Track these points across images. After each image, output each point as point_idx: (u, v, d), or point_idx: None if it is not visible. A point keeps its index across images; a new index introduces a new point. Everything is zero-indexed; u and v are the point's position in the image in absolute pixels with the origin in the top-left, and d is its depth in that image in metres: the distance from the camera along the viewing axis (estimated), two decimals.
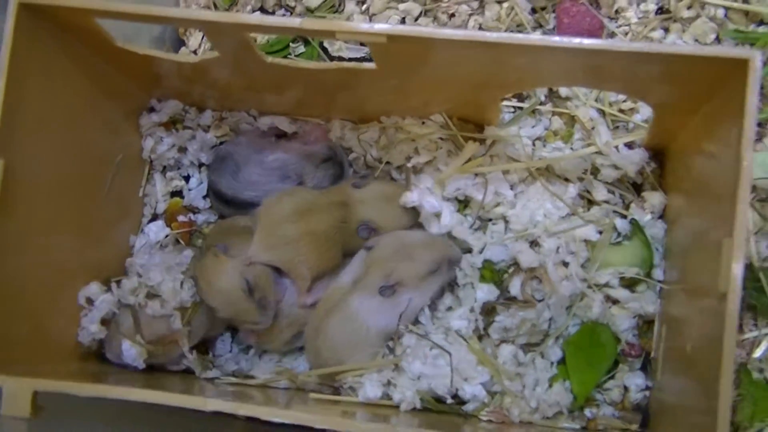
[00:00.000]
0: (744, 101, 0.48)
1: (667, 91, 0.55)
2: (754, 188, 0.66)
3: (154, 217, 0.68)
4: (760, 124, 0.67)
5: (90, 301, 0.59)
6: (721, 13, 0.69)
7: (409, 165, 0.64)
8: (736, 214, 0.47)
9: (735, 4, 0.69)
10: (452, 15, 0.69)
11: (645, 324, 0.62)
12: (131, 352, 0.58)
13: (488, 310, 0.61)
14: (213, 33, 0.54)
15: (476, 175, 0.63)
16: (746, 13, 0.69)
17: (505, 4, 0.69)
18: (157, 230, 0.66)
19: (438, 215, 0.61)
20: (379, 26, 0.50)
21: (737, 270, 0.46)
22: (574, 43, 0.50)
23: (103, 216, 0.62)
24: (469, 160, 0.63)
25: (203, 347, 0.65)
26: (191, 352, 0.60)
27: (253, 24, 0.51)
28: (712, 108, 0.54)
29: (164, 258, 0.61)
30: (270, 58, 0.56)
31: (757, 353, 0.63)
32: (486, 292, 0.60)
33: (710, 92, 0.53)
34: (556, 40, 0.50)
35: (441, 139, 0.65)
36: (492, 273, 0.61)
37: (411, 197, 0.61)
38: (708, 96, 0.53)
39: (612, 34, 0.68)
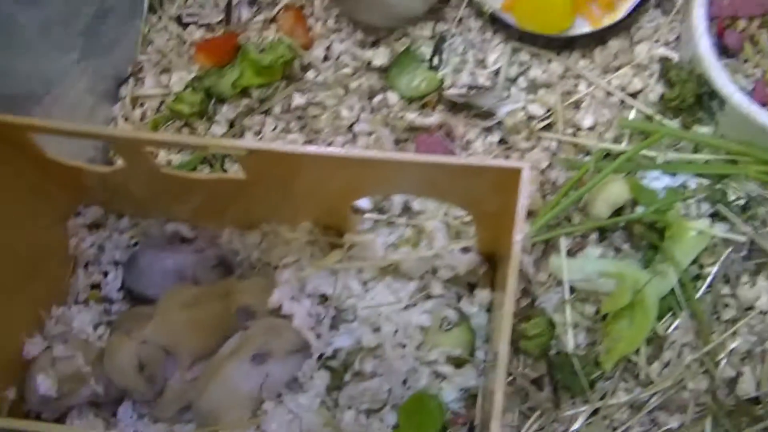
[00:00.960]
0: (516, 205, 0.71)
1: (477, 202, 0.78)
2: (573, 289, 0.87)
3: (77, 304, 0.91)
4: (583, 236, 0.90)
5: None
6: (554, 145, 0.95)
7: (280, 265, 0.88)
8: (505, 299, 0.68)
9: (565, 138, 0.95)
10: (330, 143, 0.96)
11: (470, 396, 0.82)
12: (45, 382, 0.80)
13: (335, 385, 0.82)
14: (117, 148, 0.81)
15: (334, 272, 0.86)
16: (575, 144, 0.95)
17: (373, 136, 0.96)
18: (78, 312, 0.90)
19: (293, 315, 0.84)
20: (241, 142, 0.76)
21: (503, 349, 0.65)
22: (383, 157, 0.74)
23: (30, 299, 0.87)
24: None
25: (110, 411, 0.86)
26: (99, 386, 0.81)
27: (144, 139, 0.78)
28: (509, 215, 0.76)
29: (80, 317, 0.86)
30: (163, 169, 0.83)
31: (575, 426, 0.82)
32: (326, 378, 0.82)
33: (506, 203, 0.75)
34: (386, 155, 0.74)
35: (309, 243, 0.89)
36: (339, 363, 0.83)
37: (272, 300, 0.84)
38: (506, 206, 0.76)
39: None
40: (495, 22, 0.99)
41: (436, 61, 0.99)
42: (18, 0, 0.88)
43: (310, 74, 1.01)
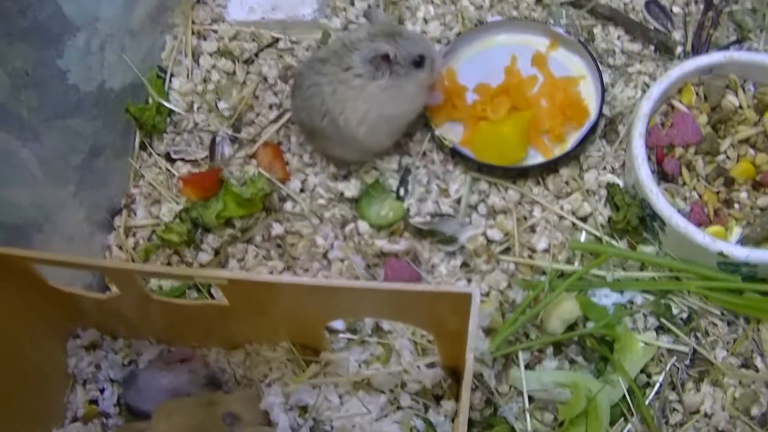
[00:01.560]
0: (467, 326, 0.86)
1: (437, 323, 0.93)
2: (532, 398, 1.02)
3: (75, 420, 1.04)
4: (540, 350, 1.05)
5: None
6: (512, 266, 1.12)
7: (264, 381, 1.02)
8: (459, 408, 0.81)
9: (521, 260, 1.12)
10: (306, 270, 1.13)
11: None
12: None
13: None
14: (111, 277, 0.97)
15: (313, 387, 1.01)
16: (531, 266, 1.12)
17: (346, 262, 1.12)
18: (76, 430, 1.03)
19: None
20: (222, 273, 0.92)
21: None
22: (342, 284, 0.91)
23: (29, 418, 1.00)
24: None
25: None
26: None
27: (134, 270, 0.93)
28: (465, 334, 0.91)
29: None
30: (155, 296, 0.98)
31: None
32: None
33: (462, 323, 0.90)
34: (351, 284, 0.90)
35: (288, 360, 1.04)
36: None
37: (263, 404, 0.98)
38: (462, 326, 0.91)
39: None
40: (455, 155, 1.17)
41: (402, 191, 1.14)
42: (20, 136, 1.04)
43: (287, 205, 1.16)
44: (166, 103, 1.24)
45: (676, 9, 1.24)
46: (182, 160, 1.23)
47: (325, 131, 1.10)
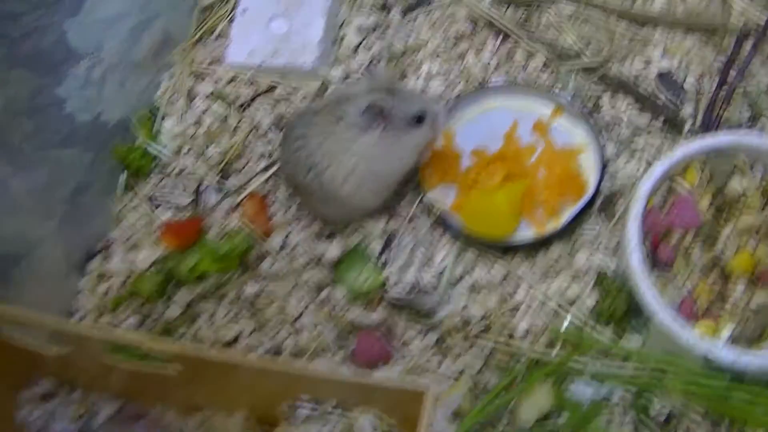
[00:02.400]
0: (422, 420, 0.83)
1: (394, 410, 0.90)
2: None
3: None
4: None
5: None
6: (489, 347, 1.07)
7: None
8: None
9: (499, 342, 1.09)
10: (276, 334, 1.11)
11: None
12: None
13: None
14: (62, 335, 0.97)
15: None
16: (508, 350, 1.09)
17: (317, 329, 1.11)
18: None
19: None
20: (170, 346, 0.91)
21: None
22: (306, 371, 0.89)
23: None
24: None
25: None
26: None
27: (80, 334, 0.93)
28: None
29: None
30: (106, 357, 0.97)
31: None
32: None
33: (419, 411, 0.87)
34: (298, 368, 0.89)
35: (245, 430, 1.02)
36: None
37: None
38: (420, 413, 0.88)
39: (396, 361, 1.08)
40: (443, 223, 1.15)
41: (384, 257, 1.13)
42: (12, 163, 1.05)
43: (265, 263, 1.15)
44: (153, 145, 1.26)
45: (689, 82, 1.20)
46: (166, 205, 1.23)
47: (309, 187, 1.10)
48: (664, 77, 1.24)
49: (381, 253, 1.13)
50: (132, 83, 1.26)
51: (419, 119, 1.07)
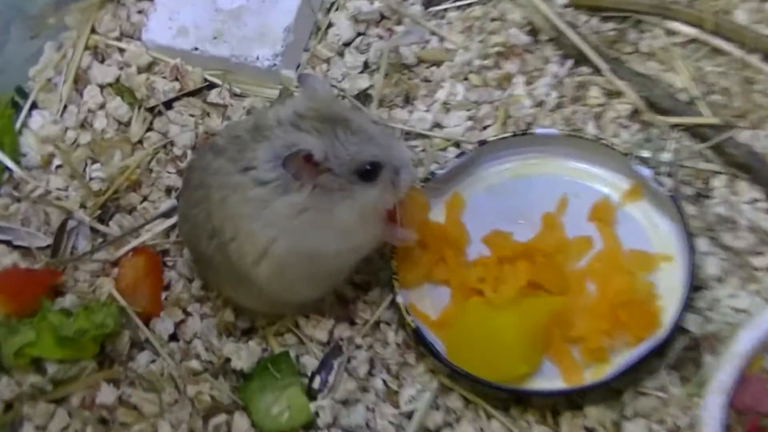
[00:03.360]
0: None
1: None
2: None
3: None
4: None
5: None
6: None
7: None
8: None
9: None
10: None
11: None
12: None
13: None
14: None
15: None
16: None
17: None
18: None
19: None
20: None
21: None
22: None
23: None
24: None
25: None
26: None
27: None
28: None
29: None
30: None
31: None
32: None
33: None
34: None
35: None
36: None
37: None
38: None
39: None
40: (421, 342, 1.08)
41: (319, 380, 1.09)
42: None
43: (140, 358, 1.12)
44: (4, 149, 1.26)
45: None
46: (9, 244, 1.22)
47: (213, 260, 1.06)
48: None
49: (317, 372, 1.10)
50: (14, 42, 1.31)
51: (370, 172, 1.02)
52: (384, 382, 1.10)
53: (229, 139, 1.04)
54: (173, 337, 1.14)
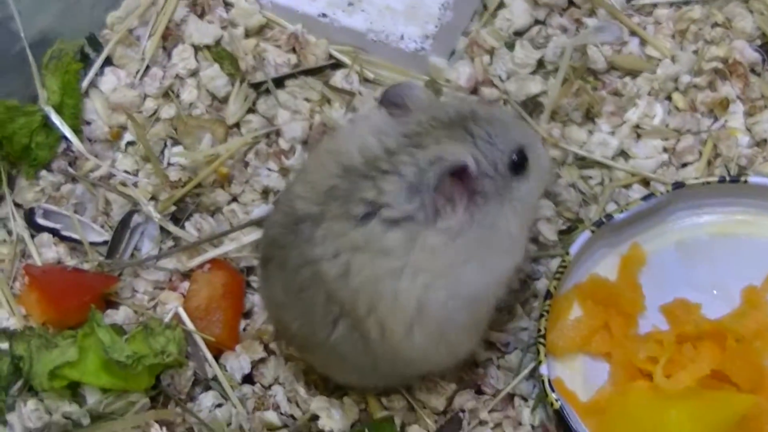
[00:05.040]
0: None
1: None
2: None
3: None
4: None
5: None
6: None
7: None
8: None
9: None
10: None
11: None
12: None
13: None
14: None
15: None
16: None
17: None
18: None
19: None
20: None
21: None
22: None
23: None
24: None
25: None
26: None
27: None
28: None
29: None
30: None
31: None
32: None
33: None
34: None
35: None
36: None
37: None
38: None
39: None
40: (563, 427, 1.18)
41: None
42: None
43: (204, 399, 1.23)
44: (56, 123, 1.36)
45: None
46: (56, 233, 1.33)
47: (337, 350, 1.15)
48: None
49: None
50: None
51: (522, 162, 1.12)
52: None
53: (318, 198, 1.09)
54: (248, 379, 1.24)
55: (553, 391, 1.17)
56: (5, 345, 1.24)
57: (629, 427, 1.16)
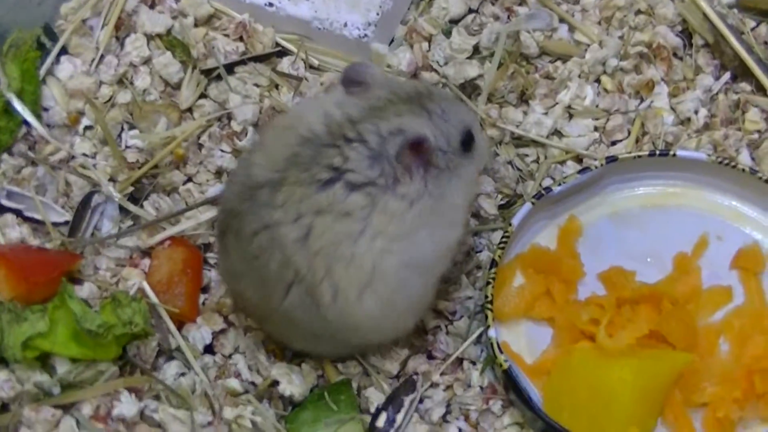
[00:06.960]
0: None
1: None
2: None
3: None
4: None
5: None
6: None
7: None
8: None
9: None
10: None
11: None
12: None
13: None
14: None
15: None
16: None
17: None
18: None
19: None
20: None
21: None
22: None
23: None
24: None
25: None
26: None
27: None
28: None
29: None
30: None
31: None
32: None
33: None
34: None
35: None
36: None
37: None
38: None
39: None
40: (511, 388, 1.22)
41: (384, 420, 1.23)
42: None
43: (168, 368, 1.26)
44: (24, 102, 1.41)
45: None
46: (19, 214, 1.37)
47: (289, 316, 1.20)
48: None
49: (382, 409, 1.23)
50: None
51: (470, 141, 1.18)
52: (460, 430, 1.23)
53: (277, 165, 1.15)
54: (209, 350, 1.28)
55: (501, 353, 1.21)
56: None
57: (575, 385, 1.20)
